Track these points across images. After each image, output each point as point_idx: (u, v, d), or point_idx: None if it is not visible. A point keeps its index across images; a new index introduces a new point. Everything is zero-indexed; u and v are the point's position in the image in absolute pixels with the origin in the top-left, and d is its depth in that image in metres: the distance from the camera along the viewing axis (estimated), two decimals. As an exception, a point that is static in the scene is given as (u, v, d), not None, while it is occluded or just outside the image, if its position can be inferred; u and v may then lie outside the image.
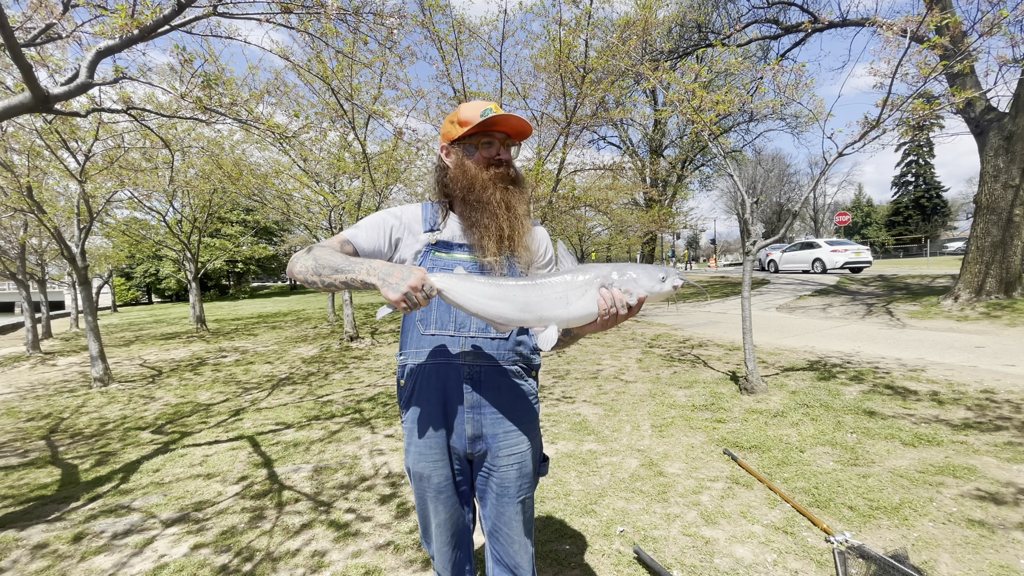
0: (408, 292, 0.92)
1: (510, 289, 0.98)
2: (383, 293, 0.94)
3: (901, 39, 3.91)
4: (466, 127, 1.17)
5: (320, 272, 1.03)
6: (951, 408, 3.68)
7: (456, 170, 1.21)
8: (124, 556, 2.35)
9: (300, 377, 6.44)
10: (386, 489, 2.94)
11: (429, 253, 1.21)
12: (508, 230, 1.17)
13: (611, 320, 0.97)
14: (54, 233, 6.15)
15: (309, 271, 1.05)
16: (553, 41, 6.29)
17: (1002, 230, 7.57)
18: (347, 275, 1.01)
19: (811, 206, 47.21)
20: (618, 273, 0.96)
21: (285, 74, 6.45)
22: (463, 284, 0.99)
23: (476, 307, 0.97)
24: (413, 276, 0.94)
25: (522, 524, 1.25)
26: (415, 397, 1.24)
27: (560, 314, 0.96)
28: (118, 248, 14.40)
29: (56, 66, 3.70)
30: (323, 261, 1.04)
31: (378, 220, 1.22)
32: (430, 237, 1.22)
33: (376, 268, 0.98)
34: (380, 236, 1.20)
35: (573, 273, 0.98)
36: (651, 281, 0.95)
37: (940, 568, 1.95)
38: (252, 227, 24.70)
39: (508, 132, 1.21)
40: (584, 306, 0.95)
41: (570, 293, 0.96)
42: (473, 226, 1.19)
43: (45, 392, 6.42)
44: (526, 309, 0.96)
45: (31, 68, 2.22)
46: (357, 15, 3.45)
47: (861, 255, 16.27)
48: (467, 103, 1.20)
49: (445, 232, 1.23)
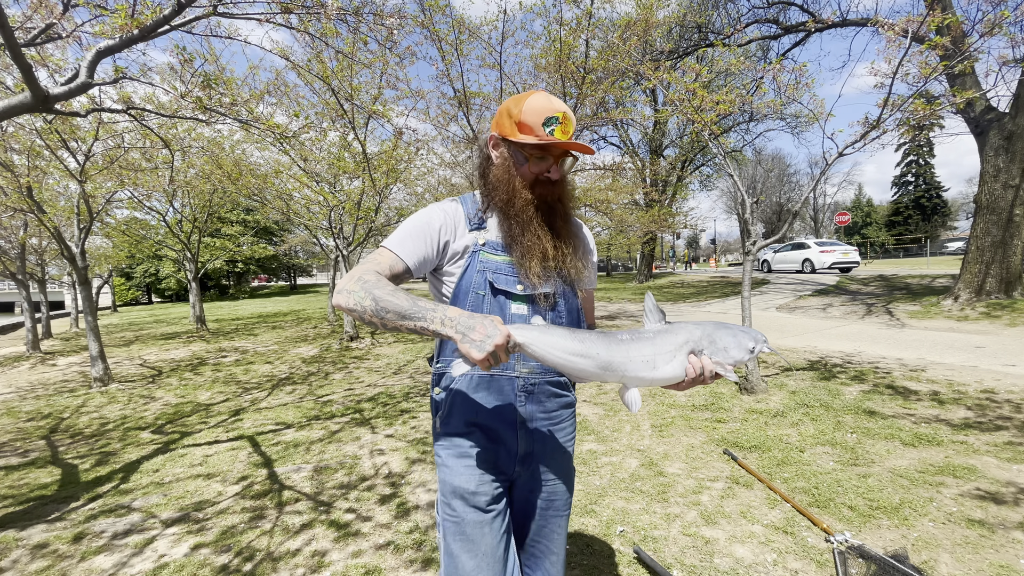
0: (494, 352, 0.84)
1: (594, 346, 0.91)
2: (463, 350, 0.85)
3: (902, 39, 3.91)
4: (523, 135, 1.04)
5: (383, 315, 0.91)
6: (951, 408, 3.68)
7: (499, 172, 1.09)
8: (124, 556, 2.35)
9: (300, 377, 6.44)
10: (386, 489, 2.94)
11: (477, 254, 1.09)
12: (552, 251, 1.08)
13: (690, 385, 0.93)
14: (54, 233, 6.15)
15: (368, 312, 0.92)
16: (554, 41, 6.29)
17: (1002, 230, 7.57)
18: (416, 322, 0.89)
19: (811, 206, 47.19)
20: (709, 341, 0.92)
21: (285, 74, 6.44)
22: (545, 338, 0.91)
23: (556, 361, 0.91)
24: (498, 333, 0.85)
25: (563, 537, 1.22)
26: (460, 410, 1.12)
27: (644, 376, 0.91)
28: (118, 248, 14.39)
29: (56, 66, 3.70)
30: (385, 303, 0.91)
31: (422, 226, 1.08)
32: (477, 236, 1.11)
33: (453, 319, 0.88)
34: (428, 245, 1.08)
35: (662, 336, 0.93)
36: (741, 352, 0.92)
37: (940, 568, 1.95)
38: (252, 227, 24.70)
39: (568, 149, 1.09)
40: (671, 372, 0.91)
41: (658, 357, 0.91)
42: (514, 242, 1.08)
43: (45, 392, 6.42)
44: (608, 368, 0.91)
45: (31, 68, 2.22)
46: (357, 15, 3.45)
47: (849, 255, 16.88)
48: (535, 97, 1.04)
49: (491, 230, 1.12)
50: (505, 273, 1.09)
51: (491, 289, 1.08)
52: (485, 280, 1.08)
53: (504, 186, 1.08)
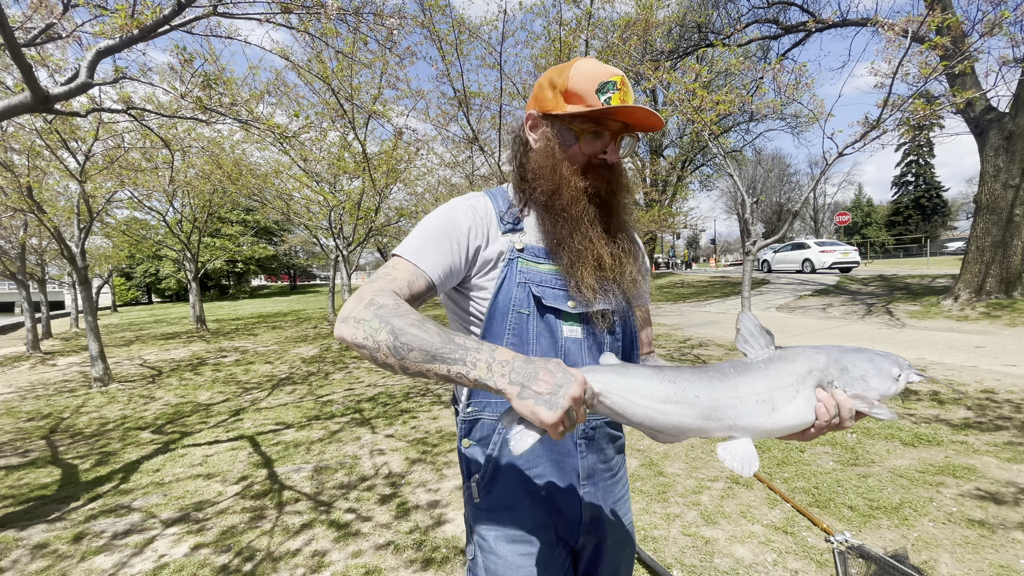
0: (570, 409, 0.60)
1: (691, 385, 0.66)
2: (524, 410, 0.60)
3: (902, 39, 3.92)
4: (572, 104, 0.81)
5: (403, 355, 0.65)
6: (951, 408, 3.68)
7: (541, 158, 0.86)
8: (124, 556, 2.35)
9: (300, 377, 6.44)
10: (386, 489, 2.94)
11: (515, 262, 0.85)
12: (610, 259, 0.85)
13: (822, 431, 0.67)
14: (54, 233, 6.16)
15: (383, 350, 0.66)
16: (553, 41, 6.30)
17: (1002, 230, 7.57)
18: (451, 367, 0.64)
19: (811, 206, 47.23)
20: (839, 369, 0.67)
21: (285, 74, 6.45)
22: (626, 383, 0.67)
23: (641, 414, 0.66)
24: (572, 381, 0.61)
25: None
26: (507, 474, 0.87)
27: (762, 423, 0.65)
28: (118, 248, 14.41)
29: (56, 66, 3.70)
30: (408, 338, 0.66)
31: (446, 227, 0.84)
32: (512, 240, 0.87)
33: (504, 362, 0.63)
34: (455, 252, 0.83)
35: (776, 365, 0.68)
36: (884, 381, 0.67)
37: (940, 568, 1.95)
38: (252, 227, 24.71)
39: (629, 123, 0.84)
40: (796, 413, 0.65)
41: (776, 394, 0.66)
42: (560, 245, 0.85)
43: (45, 392, 6.42)
44: (712, 416, 0.66)
45: (31, 68, 2.22)
46: (357, 15, 3.45)
47: (849, 255, 16.91)
48: (584, 62, 0.82)
49: (529, 232, 0.89)
50: (552, 286, 0.86)
51: (537, 306, 0.84)
52: (528, 295, 0.84)
53: (548, 174, 0.85)
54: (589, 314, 0.86)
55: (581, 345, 0.86)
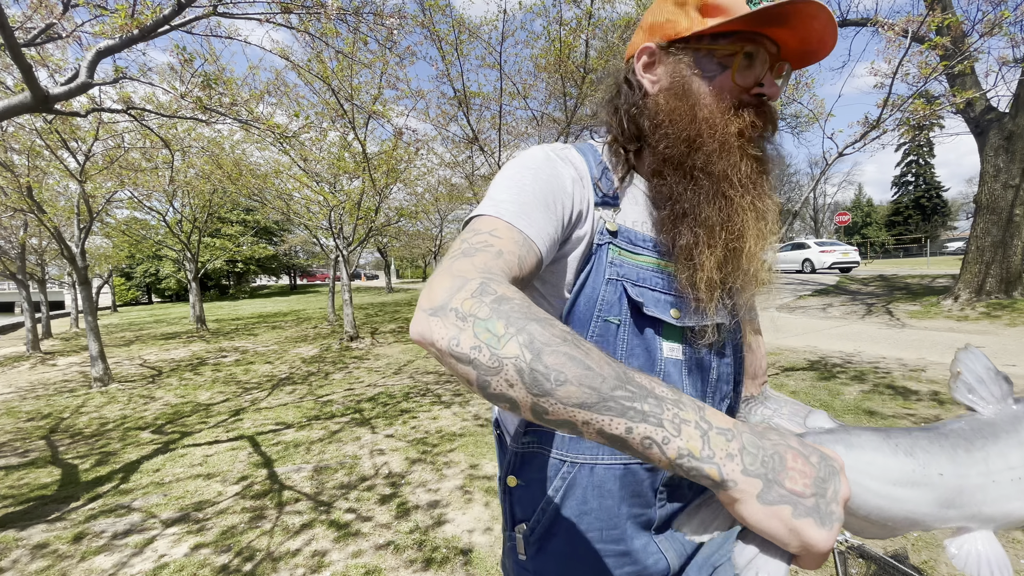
0: None
1: (932, 460, 0.45)
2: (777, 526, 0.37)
3: (902, 39, 3.92)
4: (716, 15, 0.58)
5: (544, 387, 0.39)
6: (952, 408, 3.68)
7: (672, 100, 0.62)
8: (124, 556, 2.35)
9: (300, 377, 6.44)
10: (386, 489, 2.94)
11: (605, 249, 0.62)
12: (755, 241, 0.62)
13: None
14: (54, 233, 6.16)
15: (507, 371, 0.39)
16: (553, 41, 6.29)
17: (1002, 230, 7.57)
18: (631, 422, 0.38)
19: (811, 206, 47.25)
20: None
21: (285, 74, 6.45)
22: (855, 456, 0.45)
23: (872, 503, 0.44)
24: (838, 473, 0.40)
25: None
26: (563, 523, 0.65)
27: (1017, 510, 0.44)
28: (118, 248, 14.41)
29: (56, 66, 3.70)
30: (557, 360, 0.39)
31: (551, 183, 0.59)
32: (603, 218, 0.63)
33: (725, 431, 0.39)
34: (560, 221, 0.58)
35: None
36: None
37: (940, 568, 1.95)
38: (252, 227, 24.72)
39: (794, 45, 0.61)
40: None
41: None
42: (681, 220, 0.61)
43: (45, 392, 6.43)
44: (955, 501, 0.44)
45: (31, 68, 2.23)
46: (357, 15, 3.46)
47: (849, 255, 16.92)
48: None
49: (627, 210, 0.65)
50: (653, 286, 0.63)
51: (634, 313, 0.62)
52: (621, 297, 0.61)
53: (685, 119, 0.61)
54: (695, 329, 0.63)
55: (681, 370, 0.64)
